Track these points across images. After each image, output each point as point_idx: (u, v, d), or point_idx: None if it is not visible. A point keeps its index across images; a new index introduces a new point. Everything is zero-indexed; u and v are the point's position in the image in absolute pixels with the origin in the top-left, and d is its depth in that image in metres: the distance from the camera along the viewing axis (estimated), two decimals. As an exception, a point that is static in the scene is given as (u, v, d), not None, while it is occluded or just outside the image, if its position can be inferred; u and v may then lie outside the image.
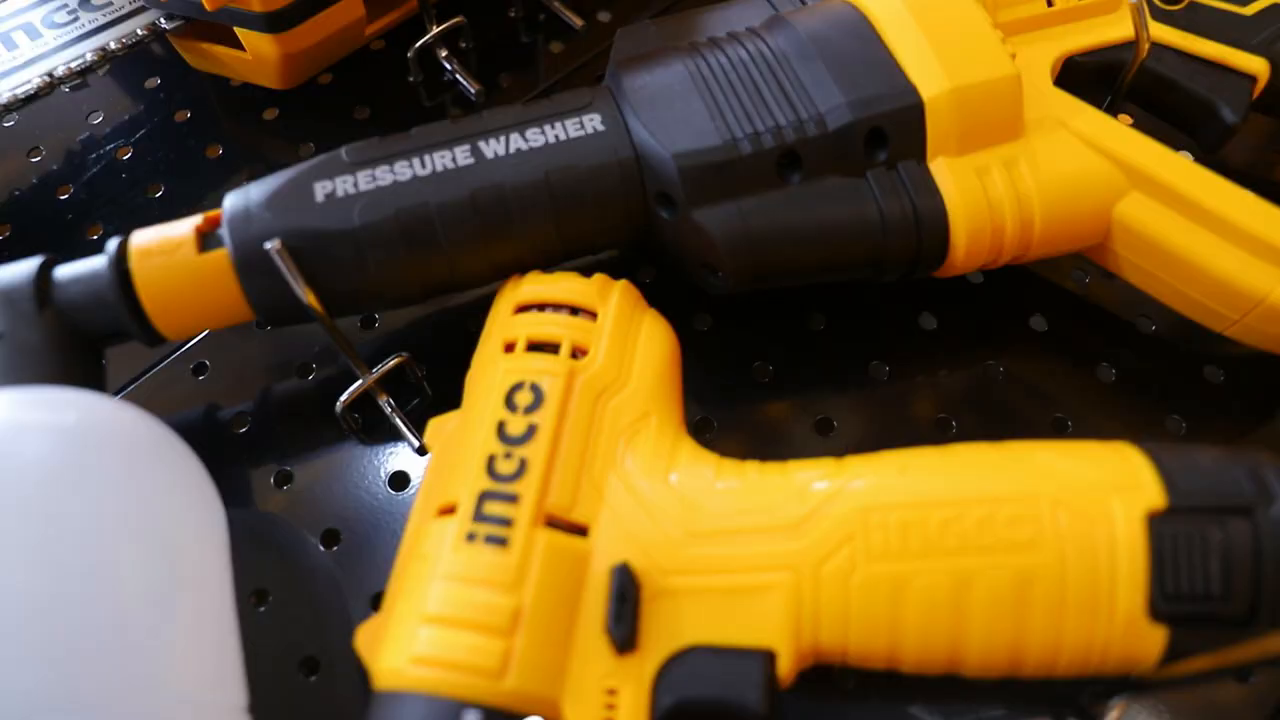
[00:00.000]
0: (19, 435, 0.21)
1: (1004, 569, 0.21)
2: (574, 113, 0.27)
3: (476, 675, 0.20)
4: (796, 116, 0.26)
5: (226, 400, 0.31)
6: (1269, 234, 0.26)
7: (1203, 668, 0.21)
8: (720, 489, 0.23)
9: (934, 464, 0.22)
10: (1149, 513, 0.21)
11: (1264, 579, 0.20)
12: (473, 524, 0.22)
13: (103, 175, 0.36)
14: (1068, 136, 0.27)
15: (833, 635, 0.21)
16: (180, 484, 0.24)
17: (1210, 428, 0.30)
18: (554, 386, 0.24)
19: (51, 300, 0.25)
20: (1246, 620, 0.20)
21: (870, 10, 0.28)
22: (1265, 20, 0.31)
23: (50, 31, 0.34)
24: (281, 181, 0.26)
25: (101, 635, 0.20)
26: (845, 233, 0.26)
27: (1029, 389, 0.30)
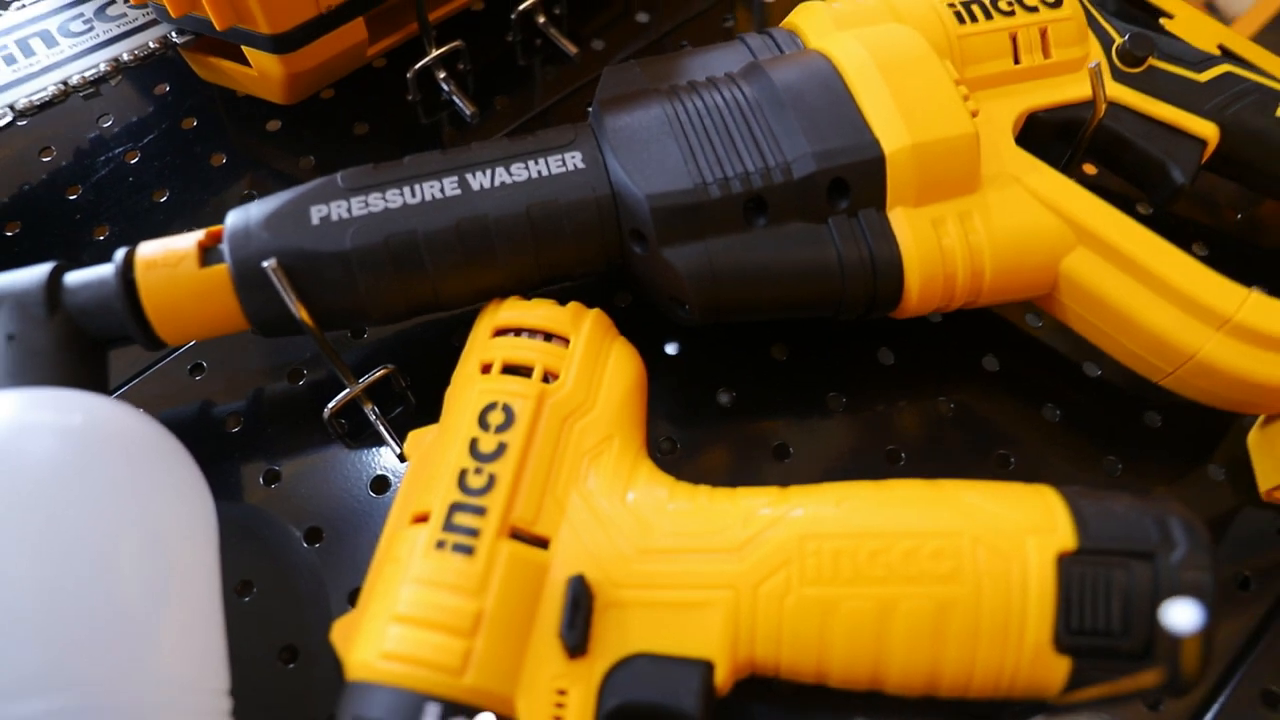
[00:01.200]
0: (27, 434, 0.23)
1: (925, 598, 0.23)
2: (557, 150, 0.29)
3: (439, 671, 0.22)
4: (764, 164, 0.28)
5: (220, 400, 0.33)
6: (1201, 295, 0.29)
7: (1102, 695, 0.23)
8: (672, 510, 0.25)
9: (869, 498, 0.25)
10: (1060, 553, 0.23)
11: (1155, 618, 0.22)
12: (442, 533, 0.24)
13: (111, 178, 0.38)
14: (1021, 193, 0.30)
15: (767, 650, 0.24)
16: (175, 482, 0.26)
17: (1145, 470, 0.32)
18: (524, 408, 0.26)
19: (60, 305, 0.27)
20: (1142, 654, 0.23)
21: (841, 62, 0.30)
22: (1218, 87, 0.34)
23: (66, 40, 0.36)
24: (280, 203, 0.28)
25: (100, 620, 0.22)
26: (806, 275, 0.28)
27: (977, 425, 0.33)
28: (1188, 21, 0.45)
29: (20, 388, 0.25)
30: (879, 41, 0.30)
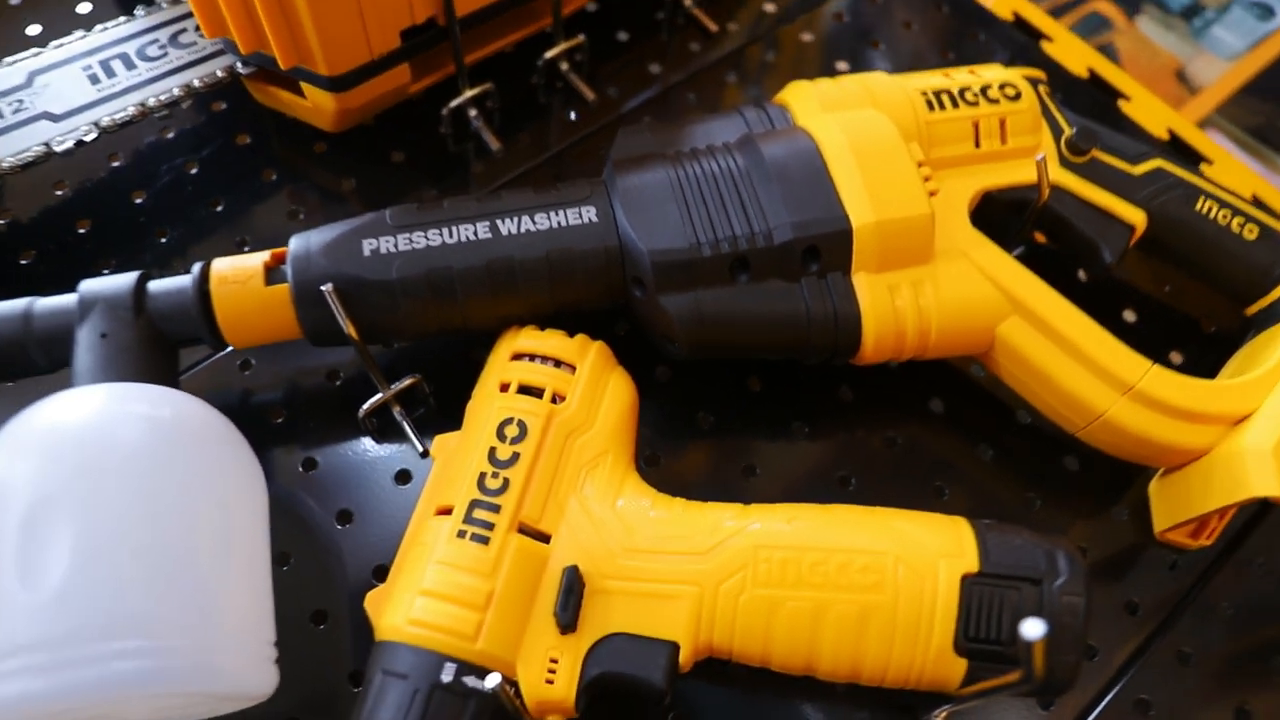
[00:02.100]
0: (128, 423, 0.29)
1: (852, 604, 0.29)
2: (575, 204, 0.34)
3: (456, 637, 0.28)
4: (750, 229, 0.33)
5: (265, 394, 0.38)
6: (1111, 364, 0.34)
7: (984, 689, 0.29)
8: (653, 517, 0.31)
9: (815, 518, 0.30)
10: (965, 574, 0.29)
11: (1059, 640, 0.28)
12: (463, 524, 0.30)
13: (171, 185, 0.43)
14: (968, 266, 0.35)
15: (722, 637, 0.29)
16: (237, 466, 0.31)
17: (1061, 507, 0.38)
18: (535, 424, 0.31)
19: (145, 309, 0.33)
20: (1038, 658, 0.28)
21: (821, 143, 0.35)
22: (1149, 180, 0.39)
23: (143, 64, 0.41)
24: (336, 234, 0.33)
25: (181, 577, 0.27)
26: (779, 325, 0.34)
27: (919, 459, 0.38)
28: (1142, 104, 0.51)
29: (115, 382, 0.31)
30: (855, 126, 0.35)
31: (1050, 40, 0.53)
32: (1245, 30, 0.75)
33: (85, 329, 0.32)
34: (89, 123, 0.39)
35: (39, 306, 0.33)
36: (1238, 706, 0.35)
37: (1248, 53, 0.74)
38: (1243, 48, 0.74)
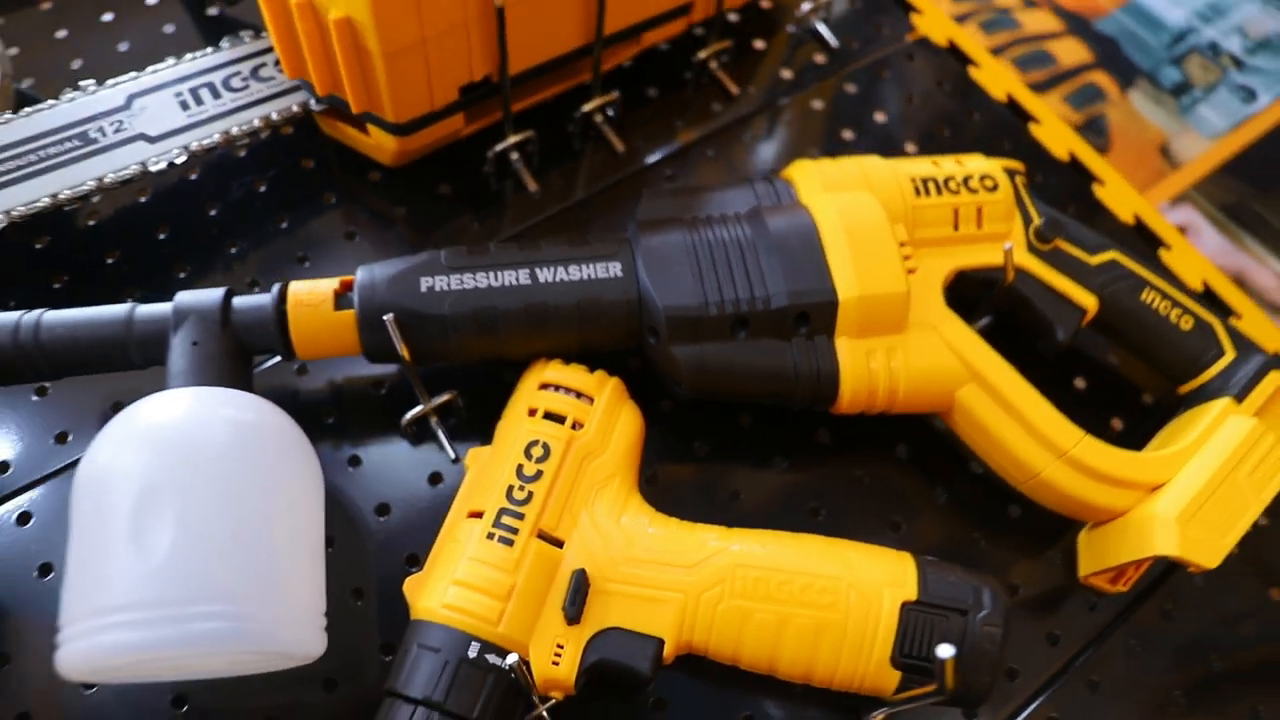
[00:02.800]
0: (217, 425, 0.35)
1: (810, 619, 0.35)
2: (603, 259, 0.40)
3: (482, 621, 0.34)
4: (751, 294, 0.40)
5: (319, 396, 0.45)
6: (1049, 432, 0.41)
7: (912, 697, 0.35)
8: (650, 533, 0.37)
9: (785, 544, 0.37)
10: (904, 602, 0.35)
11: (961, 655, 0.35)
12: (492, 528, 0.36)
13: (242, 201, 0.49)
14: (935, 338, 0.42)
15: (701, 638, 0.36)
16: (302, 461, 0.38)
17: (1002, 549, 0.45)
18: (557, 447, 0.38)
19: (230, 322, 0.39)
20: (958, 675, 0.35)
21: (819, 220, 0.42)
22: (1104, 270, 0.46)
23: (227, 94, 0.47)
24: (398, 270, 0.40)
25: (257, 554, 0.34)
26: (770, 377, 0.40)
27: (882, 497, 0.45)
28: (1114, 189, 0.57)
29: (204, 385, 0.37)
30: (849, 208, 0.42)
31: (1038, 123, 0.59)
32: (1229, 111, 0.82)
33: (179, 337, 0.38)
34: (180, 146, 0.45)
35: (139, 312, 0.39)
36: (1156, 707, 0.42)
37: (1229, 133, 0.81)
38: (1225, 128, 0.81)
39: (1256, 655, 0.45)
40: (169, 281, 0.47)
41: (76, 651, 0.32)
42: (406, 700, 0.33)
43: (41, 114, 0.45)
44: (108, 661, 0.32)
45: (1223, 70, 0.84)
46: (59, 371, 0.39)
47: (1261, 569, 0.47)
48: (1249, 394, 0.44)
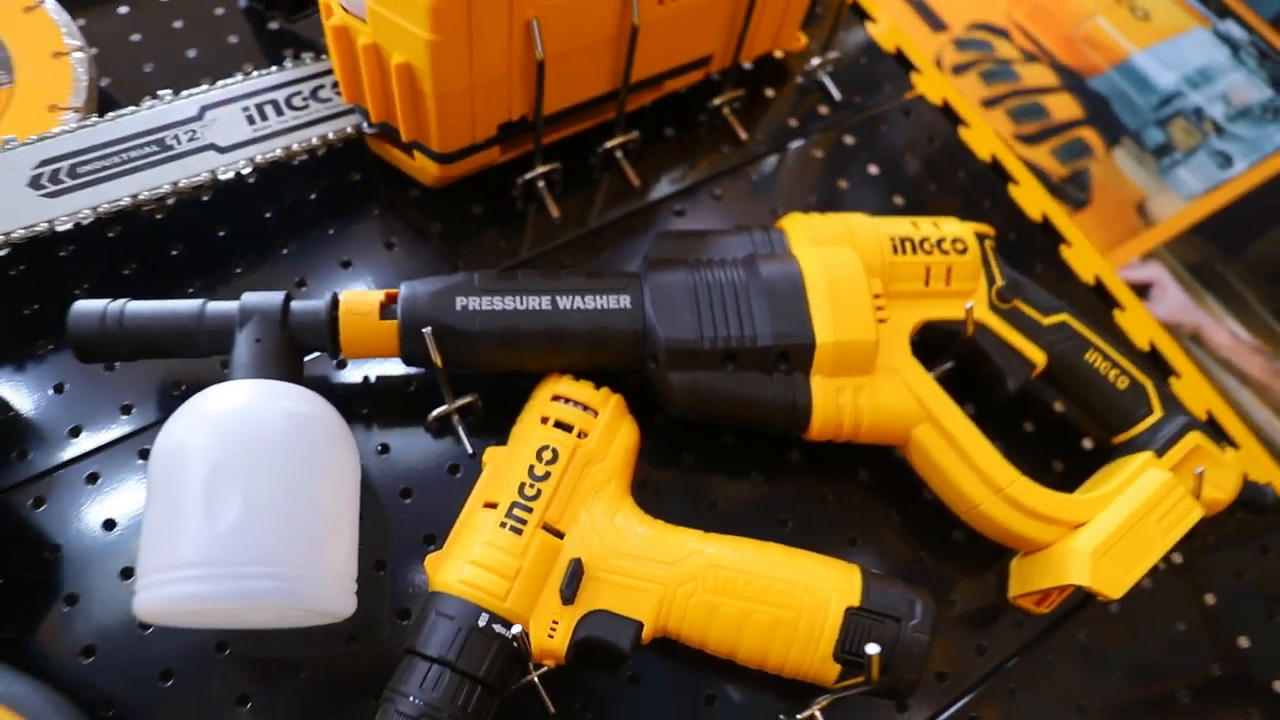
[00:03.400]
0: (277, 415, 0.42)
1: (768, 615, 0.42)
2: (615, 292, 0.47)
3: (491, 596, 0.41)
4: (741, 333, 0.47)
5: (355, 388, 0.51)
6: (989, 470, 0.48)
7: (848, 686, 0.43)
8: (639, 532, 0.45)
9: (753, 550, 0.44)
10: (848, 607, 0.43)
11: (892, 655, 0.42)
12: (504, 518, 0.43)
13: (293, 207, 0.56)
14: (898, 381, 0.49)
15: (675, 624, 0.43)
16: (345, 450, 0.44)
17: (944, 568, 0.52)
18: (564, 452, 0.45)
19: (288, 322, 0.46)
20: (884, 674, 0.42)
21: (805, 271, 0.48)
22: (1054, 330, 0.53)
23: (289, 112, 0.54)
24: (436, 288, 0.46)
25: (307, 526, 0.41)
26: (752, 405, 0.47)
27: (842, 514, 0.52)
28: (1080, 251, 0.64)
29: (265, 379, 0.44)
30: (832, 262, 0.49)
31: (1017, 184, 0.66)
32: (1205, 175, 0.89)
33: (244, 333, 0.45)
34: (246, 158, 0.52)
35: (209, 308, 0.46)
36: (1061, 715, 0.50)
37: (1203, 195, 0.88)
38: (1200, 190, 0.88)
39: (1158, 678, 0.53)
40: (226, 275, 0.54)
41: (152, 598, 0.39)
42: (424, 658, 0.41)
43: (124, 119, 0.52)
44: (176, 608, 0.39)
45: (1204, 135, 0.91)
46: (136, 354, 0.46)
47: (1169, 605, 0.55)
48: (1169, 450, 0.51)
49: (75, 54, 0.55)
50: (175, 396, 0.50)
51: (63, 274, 0.53)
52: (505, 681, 0.41)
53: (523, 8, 0.46)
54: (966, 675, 0.50)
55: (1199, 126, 0.91)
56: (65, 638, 0.45)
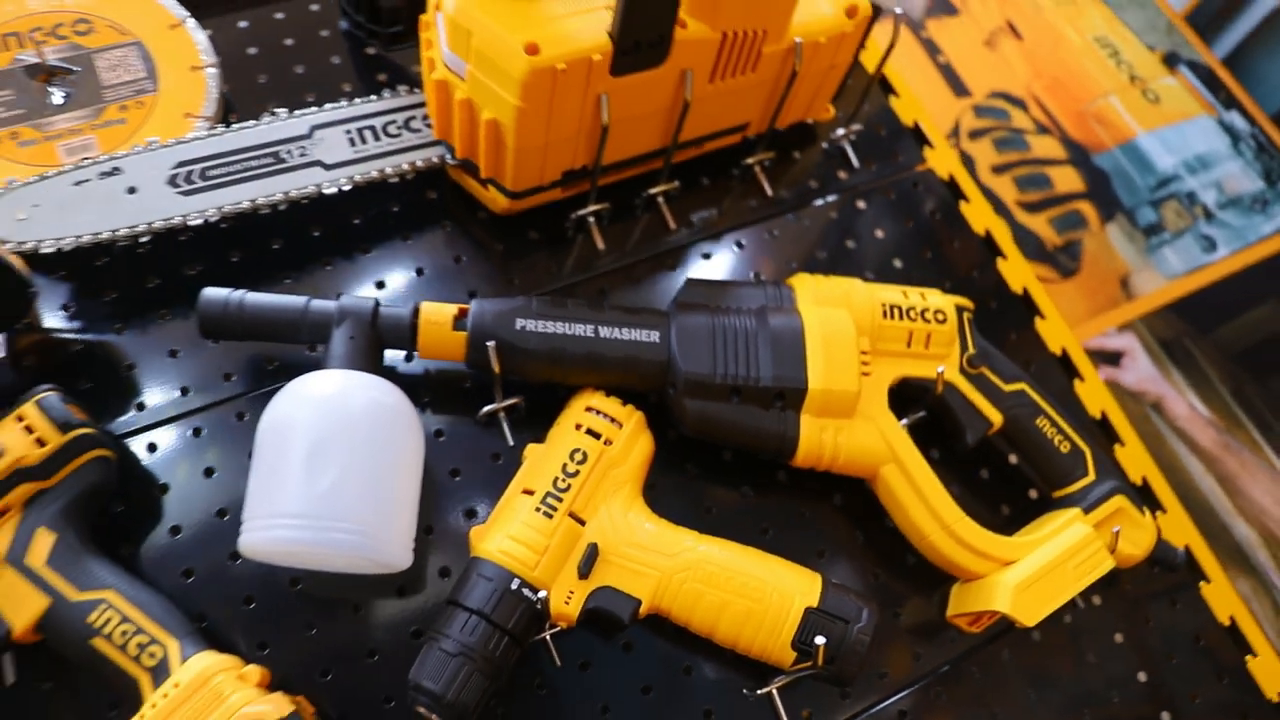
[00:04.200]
0: (366, 401, 0.54)
1: (742, 606, 0.54)
2: (647, 328, 0.59)
3: (524, 565, 0.53)
4: (747, 373, 0.58)
5: (418, 380, 0.63)
6: (939, 508, 0.60)
7: (799, 669, 0.54)
8: (646, 528, 0.56)
9: (736, 552, 0.56)
10: (807, 607, 0.54)
11: (839, 651, 0.54)
12: (539, 504, 0.55)
13: (378, 217, 0.67)
14: (873, 427, 0.60)
15: (666, 605, 0.55)
16: (415, 433, 0.56)
17: (896, 585, 0.64)
18: (592, 456, 0.56)
19: (376, 324, 0.57)
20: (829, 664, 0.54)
21: (806, 326, 0.60)
22: (1013, 397, 0.64)
23: (385, 139, 0.65)
24: (501, 308, 0.58)
25: (382, 492, 0.53)
26: (749, 434, 0.59)
27: (815, 530, 0.64)
28: (1052, 325, 0.75)
29: (356, 370, 0.55)
30: (829, 321, 0.60)
31: (1004, 259, 0.77)
32: (1189, 257, 1.00)
33: (340, 330, 0.57)
34: (347, 177, 0.63)
35: (312, 305, 0.57)
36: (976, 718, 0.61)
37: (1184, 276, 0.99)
38: (1182, 271, 1.00)
39: (1066, 700, 0.64)
40: (317, 271, 0.65)
41: (255, 538, 0.51)
42: (464, 609, 0.52)
43: (246, 131, 0.63)
44: (274, 548, 0.51)
45: (1194, 219, 1.02)
46: (248, 337, 0.58)
47: (1083, 639, 0.66)
48: (1095, 509, 0.63)
49: (209, 69, 0.66)
50: (269, 370, 0.62)
51: (181, 257, 0.64)
52: (527, 636, 0.53)
53: (595, 85, 0.57)
54: (902, 676, 0.62)
55: (1190, 210, 1.02)
56: (170, 561, 0.57)
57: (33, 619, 0.51)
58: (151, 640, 0.51)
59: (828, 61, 0.68)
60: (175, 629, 0.52)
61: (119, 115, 0.64)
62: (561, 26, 0.55)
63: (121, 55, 0.65)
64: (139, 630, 0.51)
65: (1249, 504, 0.87)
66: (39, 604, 0.51)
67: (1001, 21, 1.08)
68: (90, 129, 0.63)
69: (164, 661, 0.51)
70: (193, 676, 0.50)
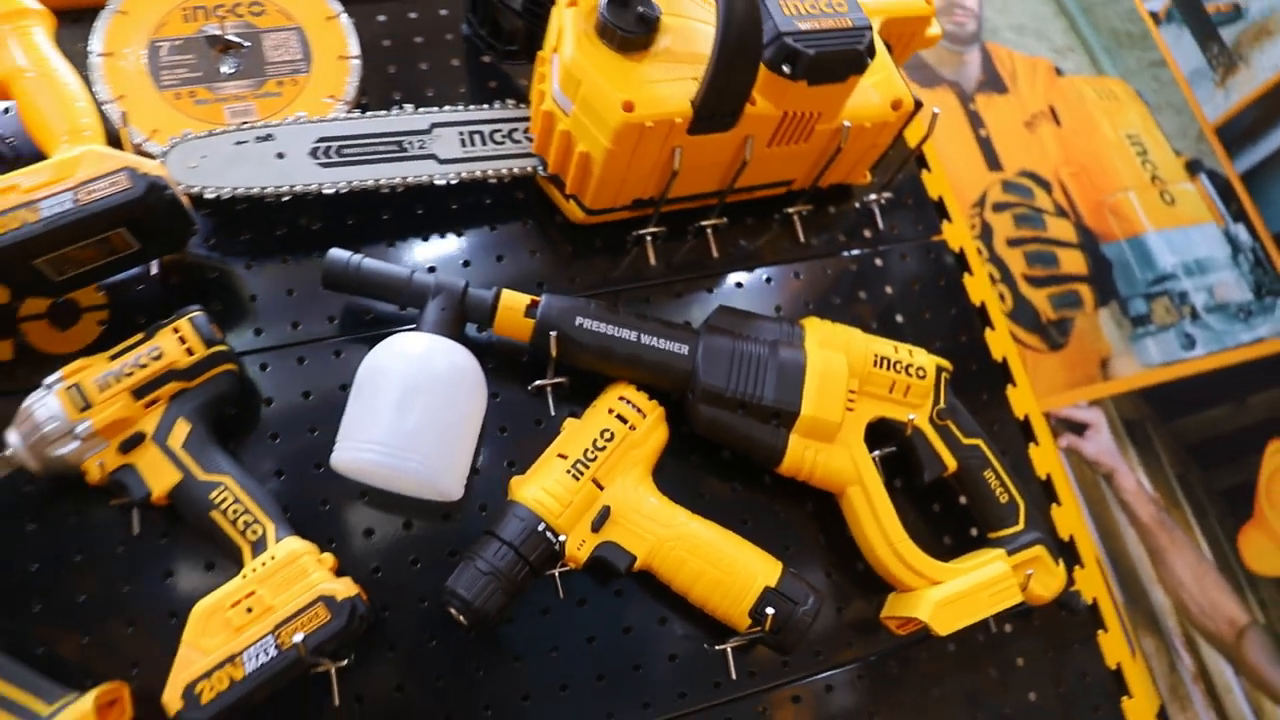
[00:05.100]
0: (449, 361, 0.70)
1: (715, 575, 0.71)
2: (680, 341, 0.75)
3: (550, 513, 0.69)
4: (753, 392, 0.74)
5: (484, 349, 0.79)
6: (889, 529, 0.76)
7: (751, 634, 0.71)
8: (650, 501, 0.73)
9: (718, 532, 0.72)
10: (766, 586, 0.71)
11: (785, 625, 0.70)
12: (570, 467, 0.71)
13: (471, 207, 0.83)
14: (846, 454, 0.76)
15: (655, 565, 0.71)
16: (481, 392, 0.72)
17: (844, 584, 0.80)
18: (618, 436, 0.73)
19: (464, 301, 0.73)
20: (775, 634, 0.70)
21: (808, 363, 0.75)
22: (969, 449, 0.80)
23: (491, 144, 0.80)
24: (566, 305, 0.74)
25: (451, 437, 0.69)
26: (746, 442, 0.75)
27: (786, 529, 0.80)
28: (1022, 392, 0.91)
29: (444, 336, 0.71)
30: (827, 362, 0.76)
31: (992, 329, 0.93)
32: (1168, 351, 1.16)
33: (434, 301, 0.73)
34: (455, 173, 0.78)
35: (415, 277, 0.73)
36: (887, 704, 0.78)
37: (1159, 367, 1.14)
38: (1158, 362, 1.15)
39: (964, 704, 0.81)
40: (416, 244, 0.81)
41: (346, 455, 0.68)
42: (498, 539, 0.69)
43: (377, 119, 0.79)
44: (360, 466, 0.68)
45: (1180, 317, 1.16)
46: (359, 293, 0.74)
47: (991, 658, 0.82)
48: (1016, 553, 0.79)
49: (353, 60, 0.82)
50: (365, 320, 0.78)
51: (307, 213, 0.80)
52: (542, 569, 0.70)
53: (672, 140, 0.73)
54: (835, 658, 0.79)
55: (1179, 308, 1.17)
56: (264, 461, 0.74)
57: (167, 488, 0.68)
58: (255, 520, 0.68)
59: (869, 142, 0.83)
60: (273, 515, 0.69)
61: (276, 89, 0.80)
62: (654, 90, 0.71)
63: (284, 38, 0.81)
64: (246, 511, 0.68)
65: (1170, 576, 1.03)
66: (173, 477, 0.68)
67: (1045, 106, 1.22)
68: (252, 97, 0.79)
69: (263, 538, 0.68)
70: (285, 553, 0.66)
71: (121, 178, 0.67)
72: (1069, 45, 1.26)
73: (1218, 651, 1.00)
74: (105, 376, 0.67)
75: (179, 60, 0.79)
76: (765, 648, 0.75)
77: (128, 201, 0.66)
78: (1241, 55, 1.21)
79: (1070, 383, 1.09)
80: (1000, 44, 1.22)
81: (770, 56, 0.70)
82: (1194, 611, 1.02)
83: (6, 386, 0.72)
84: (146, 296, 0.77)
